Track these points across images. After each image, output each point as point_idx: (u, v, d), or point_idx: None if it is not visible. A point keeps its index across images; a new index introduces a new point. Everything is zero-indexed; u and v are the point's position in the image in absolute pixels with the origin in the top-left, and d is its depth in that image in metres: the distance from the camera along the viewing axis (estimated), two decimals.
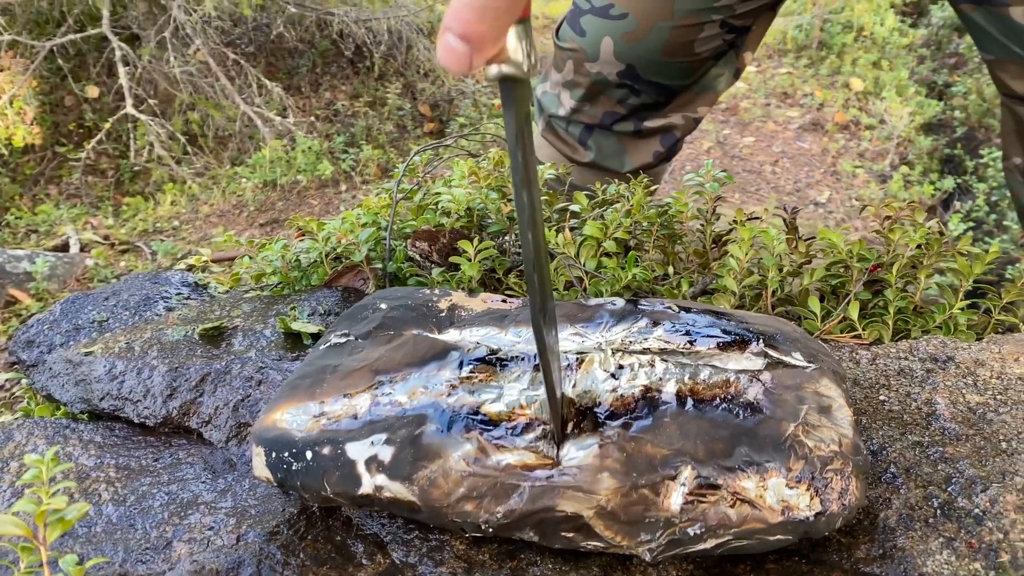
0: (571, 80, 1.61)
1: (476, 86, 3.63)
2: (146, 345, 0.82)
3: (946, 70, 3.73)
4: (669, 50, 1.49)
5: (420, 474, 0.58)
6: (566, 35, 1.59)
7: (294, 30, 3.41)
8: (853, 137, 3.12)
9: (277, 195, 2.77)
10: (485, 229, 1.02)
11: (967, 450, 0.65)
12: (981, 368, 0.74)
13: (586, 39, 1.54)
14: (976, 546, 0.58)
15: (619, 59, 1.53)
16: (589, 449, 0.58)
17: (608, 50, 1.52)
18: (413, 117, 3.55)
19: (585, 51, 1.56)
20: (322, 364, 0.70)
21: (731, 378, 0.64)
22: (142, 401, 0.77)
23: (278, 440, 0.63)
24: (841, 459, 0.58)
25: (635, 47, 1.50)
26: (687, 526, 0.56)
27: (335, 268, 0.98)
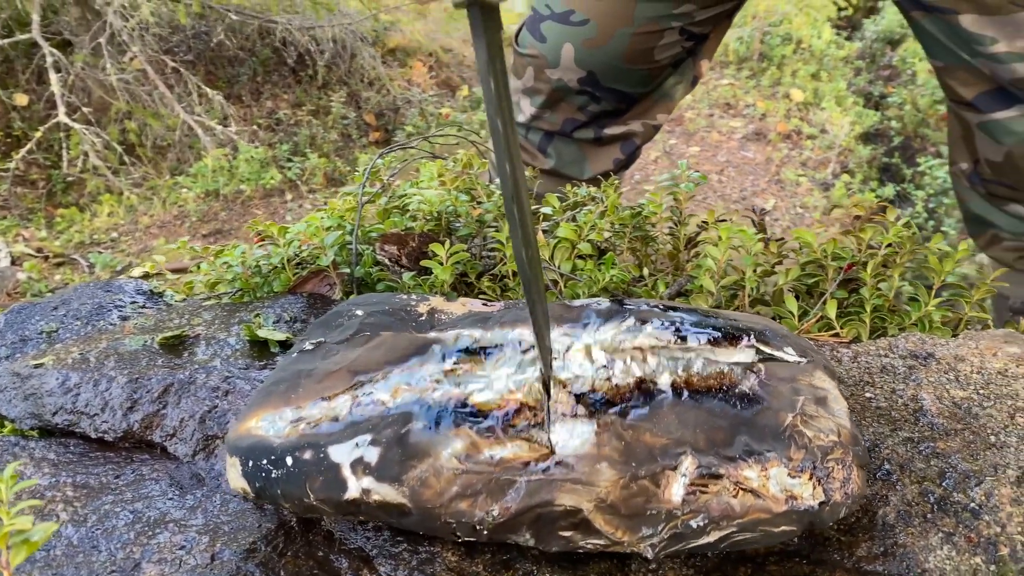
0: (532, 87, 1.60)
1: (423, 95, 3.60)
2: (102, 356, 0.77)
3: (881, 82, 3.84)
4: (630, 57, 1.49)
5: (410, 474, 0.55)
6: (526, 41, 1.58)
7: (235, 38, 3.34)
8: (795, 146, 3.18)
9: (220, 205, 2.69)
10: (454, 233, 0.99)
11: (957, 444, 0.65)
12: (961, 363, 0.74)
13: (547, 45, 1.53)
14: (975, 540, 0.58)
15: (580, 65, 1.53)
16: (585, 436, 0.56)
17: (569, 56, 1.51)
18: (358, 126, 3.50)
19: (546, 57, 1.55)
20: (296, 369, 0.66)
21: (725, 370, 0.62)
22: (100, 415, 0.72)
23: (254, 448, 0.59)
24: (841, 449, 0.57)
25: (596, 53, 1.50)
26: (690, 518, 0.54)
27: (298, 274, 0.94)
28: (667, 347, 0.66)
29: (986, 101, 1.34)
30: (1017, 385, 0.71)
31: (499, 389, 0.60)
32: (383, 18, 3.80)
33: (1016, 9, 1.19)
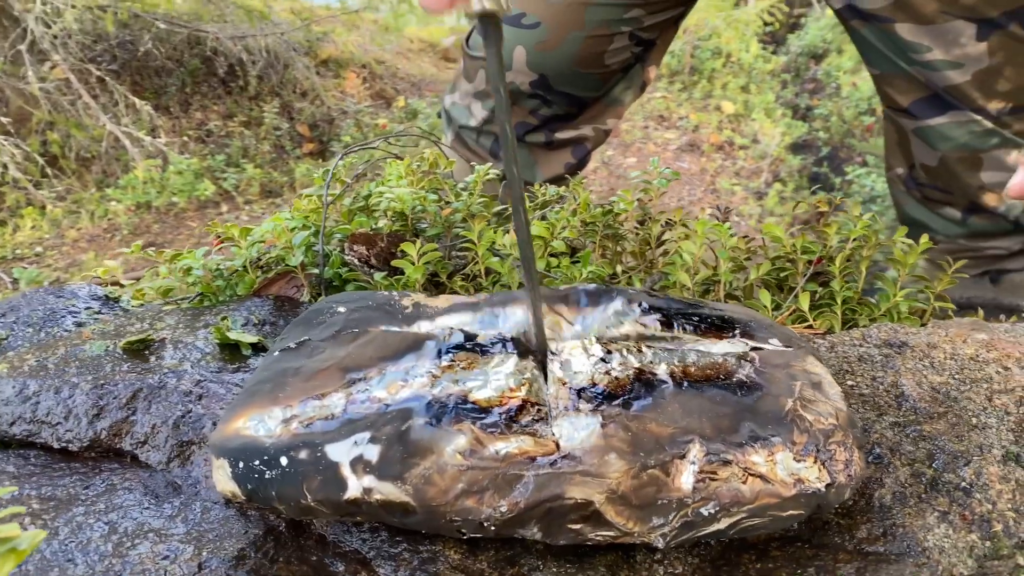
0: (483, 90, 1.60)
1: (358, 105, 3.56)
2: (62, 362, 0.73)
3: (806, 94, 3.96)
4: (580, 60, 1.50)
5: (413, 472, 0.53)
6: (477, 44, 1.57)
7: (162, 47, 3.24)
8: (728, 157, 3.26)
9: (152, 218, 2.60)
10: (422, 232, 0.97)
11: (942, 427, 0.66)
12: (935, 350, 0.76)
13: None
14: (969, 518, 0.59)
15: (531, 68, 1.53)
16: (591, 429, 0.55)
17: (521, 59, 1.51)
18: (291, 137, 3.43)
19: None
20: (281, 367, 0.63)
21: (719, 359, 0.62)
22: (63, 423, 0.68)
23: (245, 449, 0.56)
24: (841, 431, 0.57)
25: (547, 56, 1.50)
26: (700, 506, 0.53)
27: (262, 276, 0.91)
28: (659, 337, 0.66)
29: (921, 108, 1.39)
30: (989, 369, 0.73)
31: (498, 386, 0.59)
32: (315, 29, 3.75)
33: (949, 19, 1.24)
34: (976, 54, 1.25)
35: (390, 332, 0.65)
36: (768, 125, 3.31)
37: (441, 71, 4.60)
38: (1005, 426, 0.66)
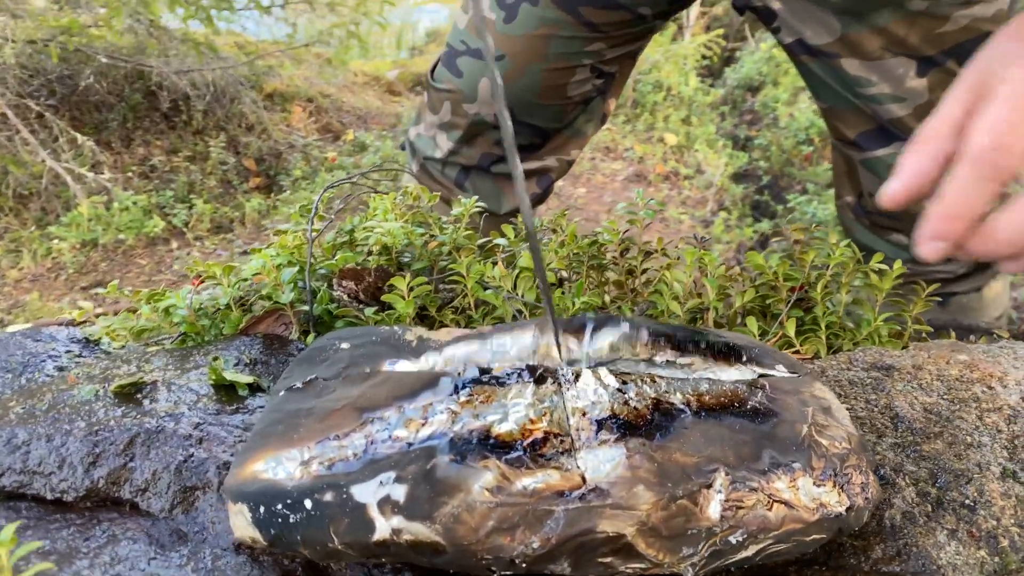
0: (449, 121, 1.60)
1: (306, 139, 3.53)
2: (51, 409, 0.70)
3: (745, 125, 4.08)
4: (543, 92, 1.52)
5: (442, 511, 0.53)
6: (442, 76, 1.58)
7: (104, 82, 3.17)
8: (674, 187, 3.33)
9: (100, 256, 2.52)
10: (408, 266, 0.97)
11: (941, 447, 0.68)
12: (921, 372, 0.78)
13: (463, 80, 1.55)
14: (976, 535, 0.61)
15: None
16: (616, 460, 0.55)
17: (486, 91, 1.53)
18: (238, 172, 3.39)
19: (463, 92, 1.56)
20: (291, 409, 0.62)
21: (732, 387, 0.64)
22: (57, 472, 0.65)
23: (265, 493, 0.55)
24: (855, 455, 0.59)
25: (511, 88, 1.52)
26: (728, 534, 0.54)
27: (248, 315, 0.89)
28: (669, 364, 0.67)
29: (868, 140, 1.45)
30: (975, 389, 0.75)
31: (518, 419, 0.59)
32: (260, 63, 3.72)
33: (891, 56, 1.30)
34: (917, 89, 1.31)
35: (402, 371, 0.65)
36: (711, 156, 3.40)
37: (386, 104, 4.61)
38: (999, 443, 0.69)
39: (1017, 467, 0.66)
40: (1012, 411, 0.72)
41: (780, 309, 0.91)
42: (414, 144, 1.71)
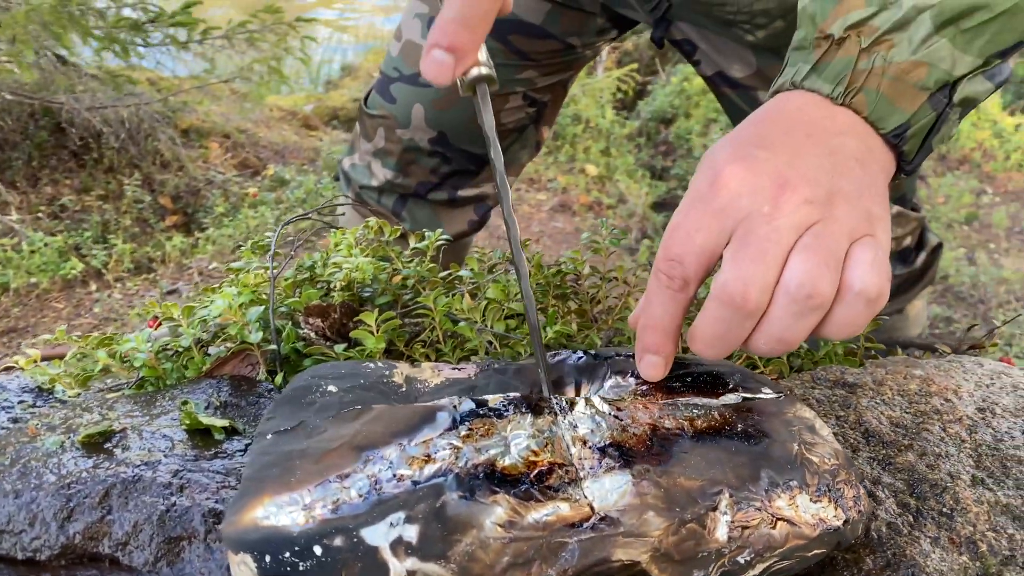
0: (383, 148, 1.60)
1: (224, 175, 3.46)
2: (13, 463, 0.66)
3: (660, 156, 4.20)
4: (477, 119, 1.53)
5: (455, 550, 0.52)
6: (376, 103, 1.58)
7: (8, 119, 3.04)
8: (599, 216, 3.39)
9: (11, 300, 2.39)
10: (369, 301, 0.96)
11: (912, 459, 0.71)
12: (882, 388, 0.82)
13: (397, 106, 1.55)
14: (957, 541, 0.64)
15: (430, 125, 1.56)
16: (623, 488, 0.56)
17: (419, 116, 1.54)
18: (154, 210, 3.28)
19: (396, 118, 1.56)
20: (283, 450, 0.61)
21: (719, 412, 0.65)
22: (28, 530, 0.62)
23: (270, 540, 0.53)
24: (844, 470, 0.61)
25: (445, 115, 1.53)
26: (736, 554, 0.55)
27: (209, 357, 0.86)
28: (660, 396, 0.68)
29: None
30: (935, 401, 0.79)
31: (520, 451, 0.59)
32: (171, 100, 3.63)
33: None
34: None
35: (397, 407, 0.64)
36: (633, 186, 3.48)
37: (303, 139, 4.56)
38: (964, 453, 0.72)
39: (984, 474, 0.70)
40: (971, 421, 0.76)
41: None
42: (349, 174, 1.70)
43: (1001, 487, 0.68)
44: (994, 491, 0.68)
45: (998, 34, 0.63)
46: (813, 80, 0.65)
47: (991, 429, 0.75)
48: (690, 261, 0.60)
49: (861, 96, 0.63)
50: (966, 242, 3.05)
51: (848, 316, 0.60)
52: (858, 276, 0.58)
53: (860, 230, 0.59)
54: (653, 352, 0.66)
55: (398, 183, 1.62)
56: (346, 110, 5.18)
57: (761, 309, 0.59)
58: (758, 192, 0.58)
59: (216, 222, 3.05)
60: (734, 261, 0.58)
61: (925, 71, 0.62)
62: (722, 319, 0.60)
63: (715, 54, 1.44)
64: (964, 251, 3.00)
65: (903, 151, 0.65)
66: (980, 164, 3.52)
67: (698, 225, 0.60)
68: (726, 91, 1.49)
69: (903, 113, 0.63)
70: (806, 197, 0.58)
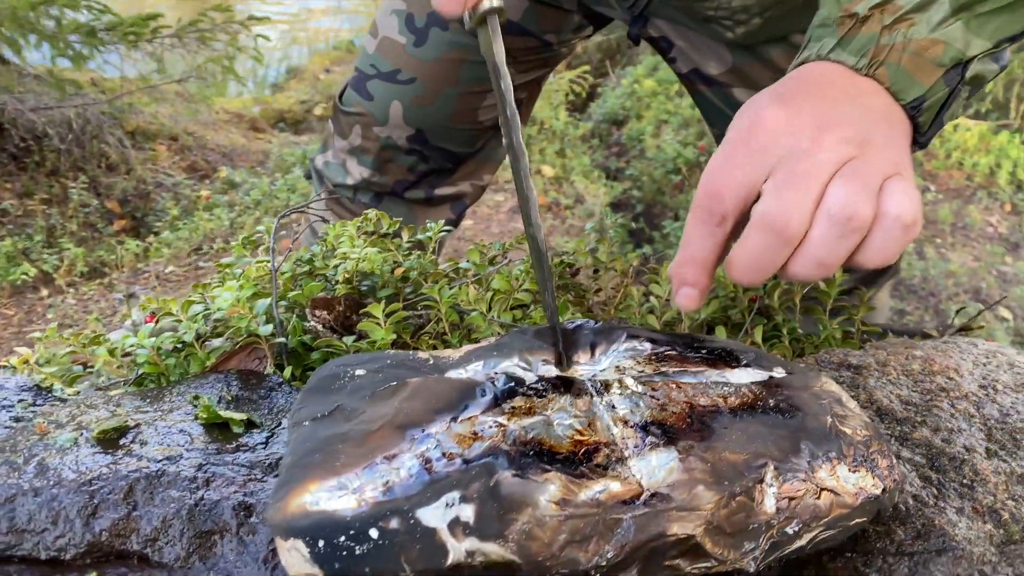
0: (359, 145, 1.58)
1: (174, 178, 3.37)
2: (28, 461, 0.64)
3: (614, 157, 4.24)
4: (456, 117, 1.53)
5: (512, 528, 0.52)
6: (352, 100, 1.56)
7: None
8: (558, 216, 3.41)
9: None
10: (369, 294, 0.95)
11: (928, 434, 0.73)
12: (887, 368, 0.84)
13: (374, 103, 1.54)
14: (980, 510, 0.65)
15: (408, 123, 1.54)
16: (670, 465, 0.56)
17: (398, 114, 1.52)
18: (102, 214, 3.19)
19: (374, 115, 1.54)
20: (323, 436, 0.59)
21: (749, 388, 0.66)
22: (51, 529, 0.59)
23: (323, 525, 0.52)
24: (876, 441, 0.62)
25: (424, 112, 1.52)
26: (785, 525, 0.56)
27: (218, 350, 0.84)
28: (679, 371, 0.68)
29: None
30: (939, 380, 0.82)
31: (565, 430, 0.58)
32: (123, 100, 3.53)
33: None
34: None
35: (431, 379, 0.63)
36: (591, 186, 3.51)
37: (251, 141, 4.48)
38: (975, 427, 0.74)
39: (996, 447, 0.72)
40: (977, 398, 0.79)
41: (741, 318, 0.95)
42: (322, 172, 1.67)
43: (1015, 458, 0.71)
44: (1008, 462, 0.70)
45: (1008, 21, 0.68)
46: (839, 53, 0.69)
47: (996, 404, 0.78)
48: (729, 195, 0.63)
49: (883, 69, 0.67)
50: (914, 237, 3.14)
51: (886, 240, 0.62)
52: (895, 203, 0.61)
53: (890, 170, 0.63)
54: (691, 284, 0.67)
55: (375, 181, 1.60)
56: (292, 112, 5.11)
57: (800, 235, 0.61)
58: (799, 131, 0.62)
59: (170, 225, 2.98)
60: (775, 191, 0.61)
61: (942, 48, 0.67)
62: (762, 245, 0.62)
63: (692, 51, 1.46)
64: (913, 246, 3.10)
65: (919, 122, 0.70)
66: (923, 163, 3.65)
67: (738, 162, 0.63)
68: (701, 88, 1.51)
69: (921, 86, 0.68)
70: (844, 136, 0.62)
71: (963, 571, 0.61)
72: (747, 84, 1.43)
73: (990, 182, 3.66)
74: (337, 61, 6.33)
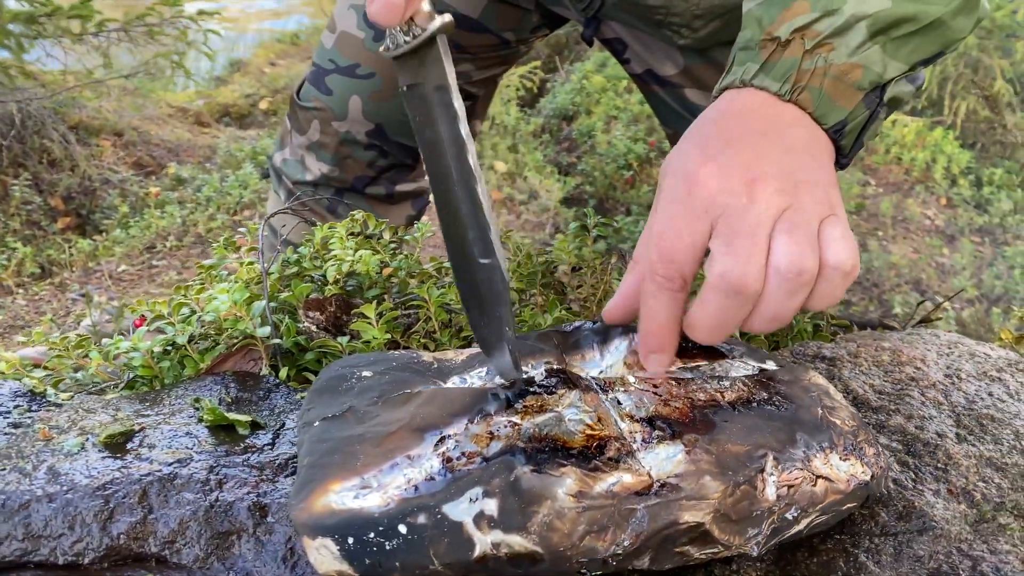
0: (317, 141, 1.57)
1: (121, 175, 3.30)
2: (37, 467, 0.63)
3: (565, 152, 4.28)
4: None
5: (534, 520, 0.54)
6: (310, 95, 1.56)
7: None
8: (512, 211, 3.43)
9: None
10: (356, 294, 0.96)
11: (901, 421, 0.78)
12: (858, 359, 0.89)
13: (333, 98, 1.53)
14: (955, 492, 0.70)
15: (368, 118, 1.54)
16: (677, 457, 0.59)
17: (357, 108, 1.52)
18: (45, 212, 3.10)
19: (332, 110, 1.54)
20: (340, 436, 0.61)
21: (743, 382, 0.69)
22: (68, 534, 0.59)
23: (351, 523, 0.53)
24: (862, 430, 0.66)
25: (383, 106, 1.52)
26: (785, 511, 0.59)
27: (207, 353, 0.85)
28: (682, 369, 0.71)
29: None
30: (908, 370, 0.86)
31: (576, 425, 0.61)
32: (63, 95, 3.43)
33: None
34: None
35: (446, 388, 0.65)
36: (545, 182, 3.54)
37: (196, 136, 4.40)
38: (945, 414, 0.79)
39: (965, 432, 0.77)
40: (944, 386, 0.84)
41: None
42: (280, 170, 1.66)
43: (983, 442, 0.76)
44: (977, 446, 0.75)
45: (921, 44, 0.72)
46: (762, 79, 0.70)
47: (962, 392, 0.83)
48: (683, 259, 0.64)
49: (806, 94, 0.69)
50: (857, 231, 3.28)
51: (829, 289, 0.66)
52: (833, 251, 0.64)
53: (824, 211, 0.65)
54: (659, 352, 0.69)
55: (334, 177, 1.60)
56: (238, 107, 5.02)
57: (758, 292, 0.64)
58: (733, 187, 0.64)
59: (120, 223, 2.91)
60: (728, 252, 0.63)
61: (861, 72, 0.69)
62: (724, 306, 0.64)
63: (645, 53, 1.50)
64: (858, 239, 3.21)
65: (841, 145, 0.72)
66: (863, 158, 3.77)
67: (684, 226, 0.64)
68: (655, 88, 1.55)
69: (843, 110, 0.70)
70: (776, 187, 0.64)
71: (942, 549, 0.65)
72: (699, 85, 1.47)
73: (927, 176, 3.81)
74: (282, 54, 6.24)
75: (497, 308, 0.68)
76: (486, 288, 0.68)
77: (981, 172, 3.92)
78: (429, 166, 0.67)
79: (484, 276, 0.68)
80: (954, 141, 3.97)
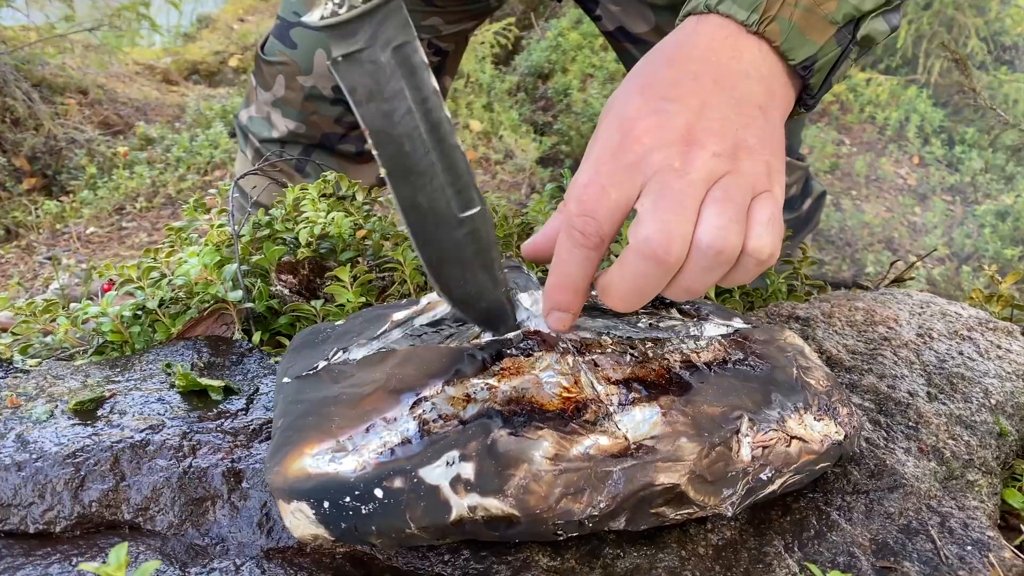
0: (283, 96, 1.55)
1: (87, 135, 3.22)
2: (4, 435, 0.62)
3: (540, 111, 4.24)
4: None
5: (510, 484, 0.54)
6: (274, 49, 1.53)
7: None
8: (488, 171, 3.40)
9: None
10: (331, 256, 0.95)
11: (874, 381, 0.78)
12: (832, 319, 0.89)
13: (298, 51, 1.50)
14: (925, 450, 0.71)
15: None
16: (653, 419, 0.59)
17: (322, 62, 1.50)
18: (9, 172, 3.03)
19: (298, 64, 1.51)
20: (314, 398, 0.60)
21: (719, 342, 0.69)
22: (38, 502, 0.58)
23: (326, 487, 0.53)
24: (836, 391, 0.67)
25: None
26: (759, 472, 0.60)
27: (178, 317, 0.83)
28: (655, 328, 0.71)
29: None
30: (881, 329, 0.87)
31: (553, 388, 0.61)
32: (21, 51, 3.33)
33: None
34: None
35: (424, 347, 0.64)
36: (521, 141, 3.51)
37: (164, 95, 4.30)
38: (916, 373, 0.80)
39: (936, 391, 0.78)
40: (915, 345, 0.84)
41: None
42: (247, 128, 1.63)
43: (953, 401, 0.77)
44: (947, 404, 0.76)
45: None
46: (728, 5, 0.64)
47: (933, 351, 0.84)
48: (604, 217, 0.60)
49: (775, 25, 0.63)
50: (831, 189, 3.30)
51: (740, 274, 0.63)
52: (755, 237, 0.60)
53: (761, 185, 0.61)
54: (563, 310, 0.64)
55: (301, 133, 1.57)
56: (206, 64, 4.91)
57: (681, 262, 0.59)
58: (669, 147, 0.59)
59: (88, 184, 2.86)
60: (654, 215, 0.58)
61: (835, 4, 0.64)
62: (643, 272, 0.60)
63: (617, 10, 1.47)
64: (831, 198, 3.23)
65: (809, 83, 0.67)
66: (838, 117, 3.78)
67: (611, 180, 0.59)
68: (627, 46, 1.53)
69: (813, 44, 0.65)
70: (714, 151, 0.59)
71: (912, 505, 0.66)
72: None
73: (900, 135, 3.82)
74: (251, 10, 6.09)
75: (487, 254, 0.64)
76: (472, 240, 0.63)
77: (954, 131, 3.95)
78: (381, 139, 0.58)
79: (468, 229, 0.62)
80: (927, 100, 3.98)
